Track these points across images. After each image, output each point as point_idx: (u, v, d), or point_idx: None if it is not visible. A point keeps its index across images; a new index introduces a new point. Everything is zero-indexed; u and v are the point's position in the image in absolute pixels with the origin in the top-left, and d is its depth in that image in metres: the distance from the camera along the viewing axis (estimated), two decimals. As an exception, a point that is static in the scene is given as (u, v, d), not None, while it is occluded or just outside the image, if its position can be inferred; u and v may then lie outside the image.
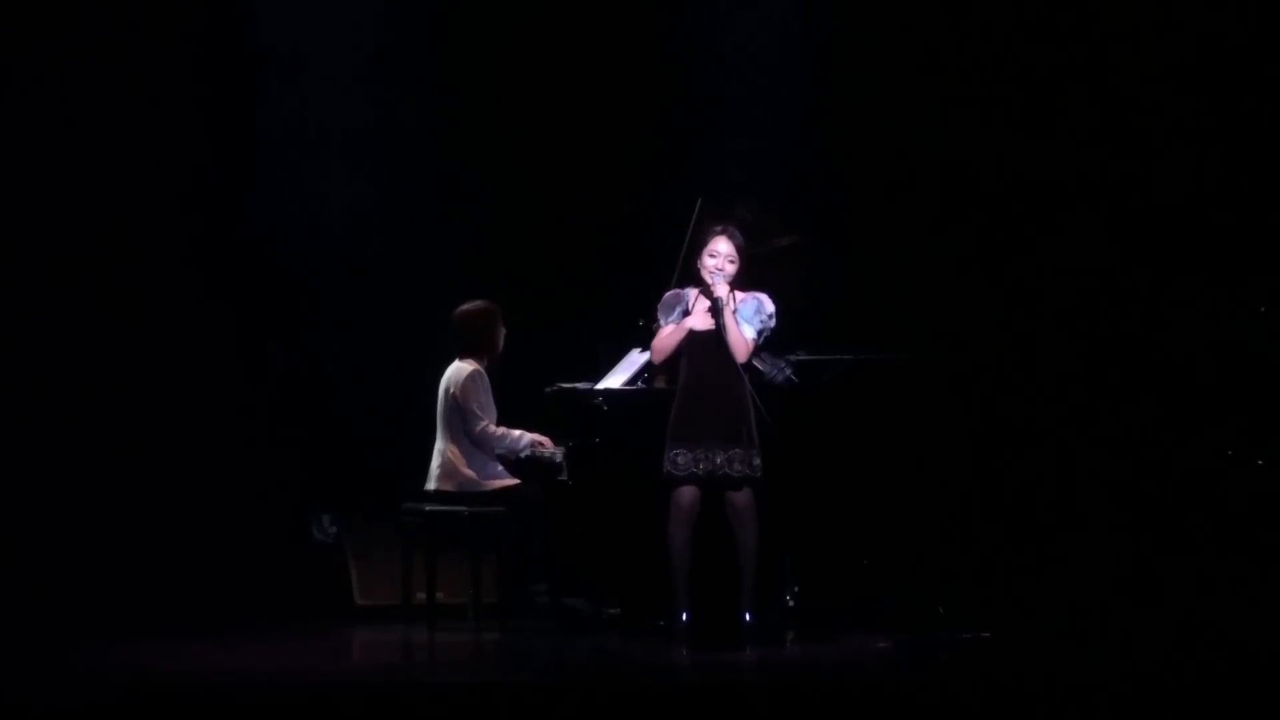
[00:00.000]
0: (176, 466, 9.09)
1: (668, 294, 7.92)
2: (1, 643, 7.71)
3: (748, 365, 7.81)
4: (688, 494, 7.68)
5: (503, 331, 8.39)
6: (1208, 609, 7.70)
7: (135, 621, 8.14)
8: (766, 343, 7.99)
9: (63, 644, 7.66)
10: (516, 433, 8.30)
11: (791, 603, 8.15)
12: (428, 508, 8.29)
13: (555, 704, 6.22)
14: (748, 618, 7.66)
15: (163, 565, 8.78)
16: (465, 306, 8.41)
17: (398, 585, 8.40)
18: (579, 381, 8.38)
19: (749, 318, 7.76)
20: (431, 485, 8.31)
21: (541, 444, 8.28)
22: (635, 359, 8.35)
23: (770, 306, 7.79)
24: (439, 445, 8.33)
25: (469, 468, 8.27)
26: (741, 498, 7.69)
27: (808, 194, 9.11)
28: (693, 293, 7.88)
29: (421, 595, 8.37)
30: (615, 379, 8.35)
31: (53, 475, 8.87)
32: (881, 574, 8.24)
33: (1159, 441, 8.42)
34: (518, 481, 8.29)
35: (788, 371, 8.18)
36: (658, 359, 7.95)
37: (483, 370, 8.31)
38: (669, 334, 7.83)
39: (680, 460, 7.67)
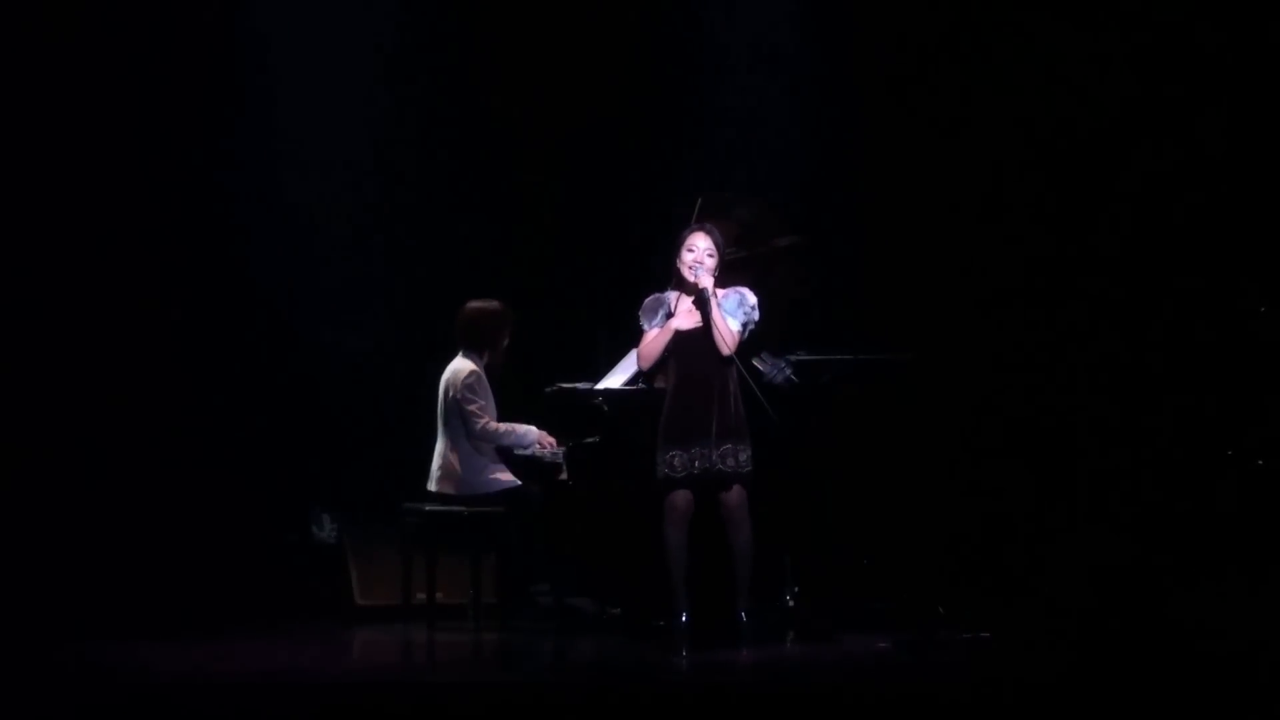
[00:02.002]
0: (177, 466, 9.09)
1: (648, 299, 7.87)
2: (2, 643, 7.71)
3: (745, 363, 7.80)
4: (682, 496, 7.65)
5: (507, 335, 8.37)
6: (1207, 609, 7.70)
7: (135, 621, 8.14)
8: (767, 342, 7.97)
9: (63, 644, 7.66)
10: (523, 428, 8.29)
11: (791, 603, 8.15)
12: (428, 508, 8.29)
13: (555, 704, 6.22)
14: (744, 617, 7.66)
15: (163, 565, 8.77)
16: (475, 303, 8.40)
17: (398, 585, 8.40)
18: (579, 381, 8.38)
19: (733, 311, 7.73)
20: (432, 486, 8.32)
21: (546, 442, 8.29)
22: (635, 359, 8.33)
23: (752, 299, 7.76)
24: (439, 447, 8.33)
25: (469, 472, 8.26)
26: (733, 497, 7.66)
27: (808, 194, 9.11)
28: (673, 295, 7.84)
29: (421, 595, 8.37)
30: (615, 379, 8.34)
31: (53, 475, 8.86)
32: (881, 574, 8.24)
33: (1159, 440, 8.41)
34: (518, 483, 8.29)
35: (788, 371, 8.17)
36: (645, 364, 7.90)
37: (481, 371, 8.30)
38: (654, 338, 7.81)
39: (676, 462, 7.64)
